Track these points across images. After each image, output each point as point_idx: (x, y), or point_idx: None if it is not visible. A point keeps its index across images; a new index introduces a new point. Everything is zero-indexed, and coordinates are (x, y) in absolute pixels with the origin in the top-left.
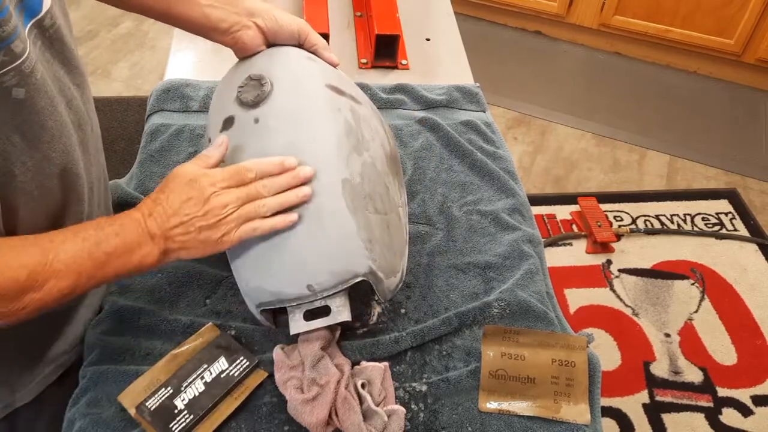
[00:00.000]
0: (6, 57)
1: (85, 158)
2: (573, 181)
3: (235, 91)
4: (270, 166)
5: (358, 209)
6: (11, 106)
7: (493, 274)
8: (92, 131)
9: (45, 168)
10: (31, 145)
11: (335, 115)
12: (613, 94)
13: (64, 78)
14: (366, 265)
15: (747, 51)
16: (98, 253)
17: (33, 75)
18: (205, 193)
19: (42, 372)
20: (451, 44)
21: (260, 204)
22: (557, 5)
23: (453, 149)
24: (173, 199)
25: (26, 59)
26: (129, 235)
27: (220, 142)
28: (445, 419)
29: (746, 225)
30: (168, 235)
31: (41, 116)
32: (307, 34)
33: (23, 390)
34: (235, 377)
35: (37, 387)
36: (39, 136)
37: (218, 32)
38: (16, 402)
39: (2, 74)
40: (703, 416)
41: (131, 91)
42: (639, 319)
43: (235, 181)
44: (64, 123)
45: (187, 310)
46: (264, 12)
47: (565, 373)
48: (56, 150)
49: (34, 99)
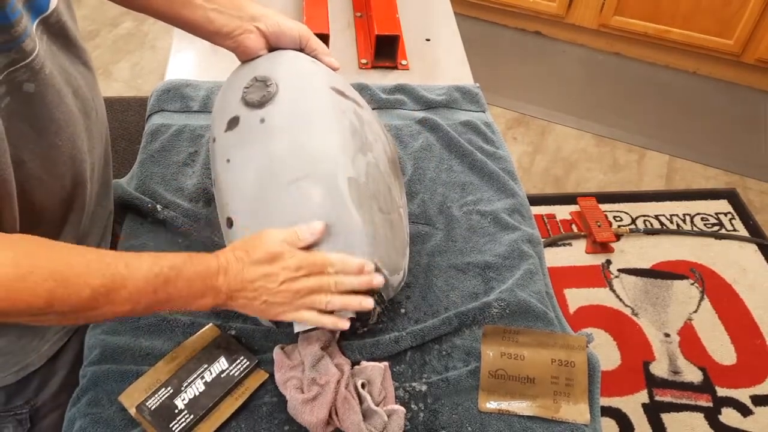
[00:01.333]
0: (17, 55)
1: (90, 143)
2: (572, 181)
3: (239, 91)
4: (351, 267)
5: (363, 207)
6: (22, 99)
7: (493, 274)
8: (97, 117)
9: (53, 155)
10: (40, 135)
11: (340, 116)
12: (612, 95)
13: (69, 68)
14: (371, 262)
15: (746, 51)
16: (162, 293)
17: (42, 71)
18: (283, 276)
19: (52, 338)
20: (451, 45)
21: (326, 300)
22: (557, 6)
23: (453, 149)
24: (253, 270)
25: (36, 56)
26: (198, 285)
27: (315, 230)
28: (445, 419)
29: (745, 225)
30: (234, 296)
31: (50, 108)
32: (308, 39)
33: (35, 354)
34: (236, 377)
35: (48, 351)
36: (47, 126)
37: (221, 36)
38: (29, 366)
39: (14, 71)
40: (703, 416)
41: (132, 91)
42: (638, 319)
43: (315, 271)
44: (71, 113)
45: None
46: (266, 17)
47: (564, 372)
48: (63, 139)
49: (43, 93)
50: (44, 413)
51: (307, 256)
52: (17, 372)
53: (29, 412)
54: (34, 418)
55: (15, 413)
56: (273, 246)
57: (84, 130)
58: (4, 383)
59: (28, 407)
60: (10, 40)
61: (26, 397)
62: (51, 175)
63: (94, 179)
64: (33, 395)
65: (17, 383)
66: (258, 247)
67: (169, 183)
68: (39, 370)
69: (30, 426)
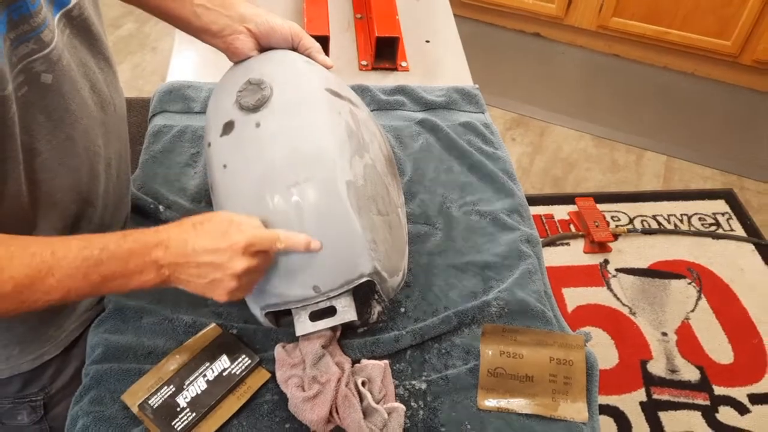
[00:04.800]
0: (35, 45)
1: (105, 137)
2: (571, 182)
3: (233, 95)
4: (298, 242)
5: (362, 211)
6: (40, 89)
7: (492, 273)
8: (115, 111)
9: (68, 147)
10: (56, 126)
11: (336, 118)
12: (611, 96)
13: (90, 62)
14: (371, 265)
15: (744, 52)
16: (94, 275)
17: (60, 62)
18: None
19: (69, 327)
20: (451, 46)
21: None
22: (555, 7)
23: (452, 150)
24: (202, 241)
25: (54, 48)
26: (134, 262)
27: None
28: (445, 417)
29: (743, 225)
30: (176, 270)
31: (66, 99)
32: (300, 37)
33: (51, 343)
34: (237, 375)
35: (64, 341)
36: (63, 117)
37: (209, 34)
38: (45, 355)
39: (33, 61)
40: (700, 414)
41: (133, 92)
42: (636, 318)
43: (264, 247)
44: (87, 106)
45: (189, 309)
46: (256, 16)
47: (563, 371)
48: (78, 131)
49: (60, 83)
50: (57, 401)
51: (255, 233)
52: (33, 360)
53: (43, 399)
54: (48, 406)
55: (30, 400)
56: (221, 223)
57: (100, 125)
58: (20, 370)
59: (42, 395)
60: (30, 30)
61: (41, 385)
62: (65, 167)
63: (111, 175)
64: (48, 383)
65: (33, 371)
66: (205, 222)
67: (171, 184)
68: (54, 358)
69: (44, 413)
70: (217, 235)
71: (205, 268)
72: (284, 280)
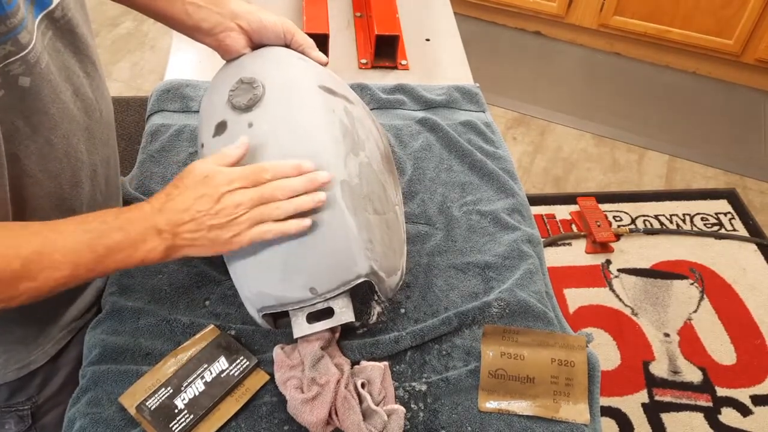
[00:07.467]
0: (13, 47)
1: (89, 143)
2: (572, 181)
3: (226, 94)
4: (287, 169)
5: (357, 210)
6: (18, 93)
7: (493, 273)
8: (101, 117)
9: (48, 152)
10: (35, 130)
11: (330, 117)
12: (612, 95)
13: (74, 66)
14: (368, 266)
15: (746, 51)
16: (99, 247)
17: (38, 64)
18: (219, 191)
19: (56, 336)
20: (451, 45)
21: (274, 206)
22: (557, 6)
23: (453, 149)
24: (186, 195)
25: (32, 49)
26: (134, 229)
27: (240, 143)
28: (445, 419)
29: (745, 225)
30: (177, 231)
31: (44, 103)
32: (293, 33)
33: (38, 351)
34: (235, 377)
35: (51, 349)
36: (42, 122)
37: (201, 32)
38: (31, 364)
39: (10, 63)
40: (703, 416)
41: (131, 91)
42: (638, 319)
43: (251, 181)
44: (67, 110)
45: (186, 311)
46: (248, 13)
47: (564, 372)
48: (58, 136)
49: (39, 87)
50: (46, 410)
51: (237, 169)
52: (20, 369)
53: (31, 408)
54: (36, 415)
55: (17, 409)
56: (200, 170)
57: (83, 130)
58: (6, 380)
59: (29, 404)
60: (6, 31)
61: (28, 394)
62: (45, 172)
63: (96, 182)
64: (35, 392)
65: (20, 380)
66: (185, 176)
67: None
68: (42, 367)
69: (31, 422)
70: (198, 183)
71: (201, 219)
72: (280, 282)
